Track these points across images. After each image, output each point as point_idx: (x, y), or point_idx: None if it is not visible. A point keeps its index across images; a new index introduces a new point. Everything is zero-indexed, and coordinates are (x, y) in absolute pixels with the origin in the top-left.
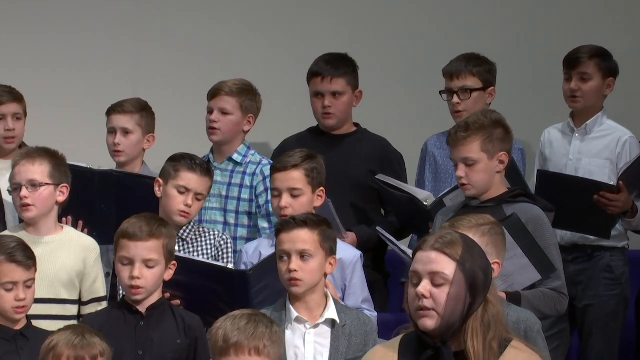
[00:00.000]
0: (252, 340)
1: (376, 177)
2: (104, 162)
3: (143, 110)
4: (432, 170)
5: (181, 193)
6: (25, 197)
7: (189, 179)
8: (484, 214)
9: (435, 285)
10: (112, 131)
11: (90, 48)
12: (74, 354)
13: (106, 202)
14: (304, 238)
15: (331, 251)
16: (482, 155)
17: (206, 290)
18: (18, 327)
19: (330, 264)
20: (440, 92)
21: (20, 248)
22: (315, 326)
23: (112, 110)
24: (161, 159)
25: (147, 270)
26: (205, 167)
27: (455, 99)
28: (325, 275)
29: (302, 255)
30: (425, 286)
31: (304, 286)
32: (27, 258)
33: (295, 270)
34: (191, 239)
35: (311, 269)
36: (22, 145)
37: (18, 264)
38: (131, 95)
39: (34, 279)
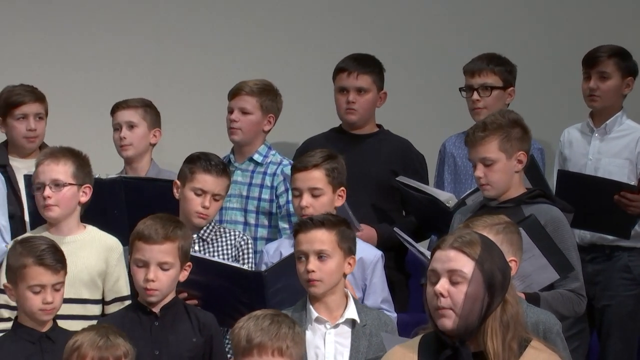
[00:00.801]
0: (275, 341)
1: (397, 178)
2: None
3: (147, 106)
4: (451, 171)
5: (198, 195)
6: (49, 196)
7: (205, 180)
8: (500, 214)
9: (453, 283)
10: (117, 127)
11: (111, 48)
12: (98, 355)
13: (118, 208)
14: (321, 238)
15: (350, 251)
16: (500, 155)
17: (223, 290)
18: (44, 329)
19: (349, 263)
20: (460, 89)
21: (51, 251)
22: (336, 326)
23: (116, 108)
24: (182, 159)
25: (162, 272)
26: (221, 167)
27: (475, 95)
28: (345, 275)
29: (320, 255)
30: (443, 285)
31: (322, 287)
32: (56, 261)
33: (313, 271)
34: (211, 239)
35: (329, 269)
36: (42, 145)
37: (47, 267)
38: (152, 96)
39: (63, 282)
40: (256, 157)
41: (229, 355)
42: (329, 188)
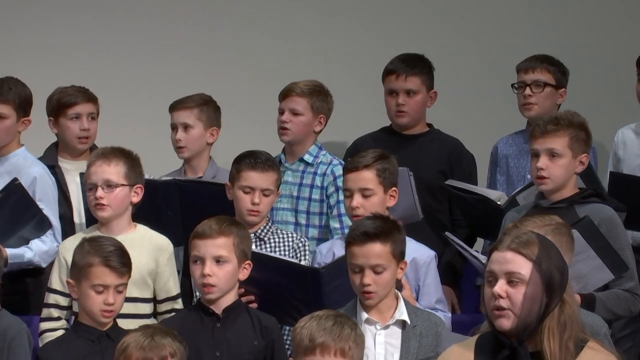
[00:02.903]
0: (338, 342)
1: (446, 182)
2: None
3: (204, 104)
4: (503, 172)
5: (247, 193)
6: (101, 197)
7: (251, 177)
8: (550, 215)
9: (511, 285)
10: (174, 128)
11: (166, 48)
12: (142, 355)
13: (172, 209)
14: (377, 252)
15: (402, 256)
16: (567, 152)
17: (281, 287)
18: (104, 327)
19: (401, 268)
20: (512, 86)
21: (118, 253)
22: (386, 327)
23: (173, 107)
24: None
25: (218, 267)
26: (267, 163)
27: (528, 91)
28: (397, 279)
29: (376, 269)
30: (501, 286)
31: (377, 297)
32: (121, 264)
33: (370, 284)
34: (268, 238)
35: (385, 281)
36: (92, 147)
37: (112, 269)
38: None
39: (126, 285)
40: (306, 157)
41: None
42: (380, 188)
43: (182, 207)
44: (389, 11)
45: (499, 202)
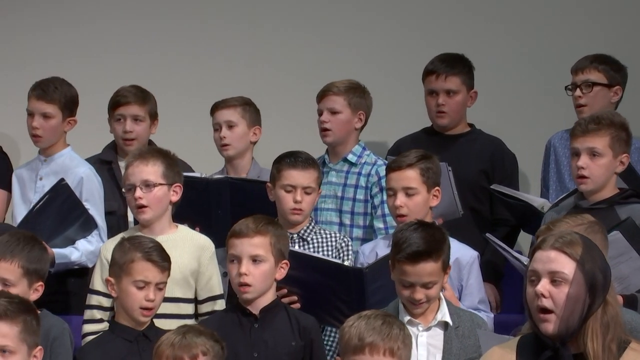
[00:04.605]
0: (387, 342)
1: (491, 187)
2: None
3: (246, 104)
4: (555, 166)
5: (288, 192)
6: (140, 197)
7: (292, 176)
8: (583, 214)
9: (554, 284)
10: (217, 127)
11: (208, 51)
12: (172, 353)
13: (222, 208)
14: (429, 271)
15: (448, 265)
16: (608, 151)
17: (323, 287)
18: (141, 327)
19: (447, 274)
20: (566, 87)
21: (158, 249)
22: (428, 329)
23: (215, 107)
24: None
25: (254, 267)
26: (307, 161)
27: (578, 92)
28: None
29: (427, 285)
30: (544, 285)
31: (425, 306)
32: (162, 260)
33: (421, 298)
34: (311, 239)
35: (435, 293)
36: (150, 144)
37: (154, 263)
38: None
39: (165, 283)
40: (350, 157)
41: (333, 356)
42: (424, 188)
43: (232, 207)
44: (429, 11)
45: (542, 210)
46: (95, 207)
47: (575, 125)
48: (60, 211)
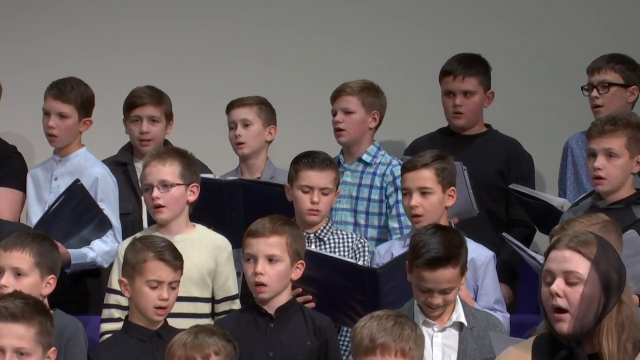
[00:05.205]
0: (399, 342)
1: (510, 186)
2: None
3: (262, 103)
4: (573, 167)
5: (305, 192)
6: (157, 197)
7: (309, 176)
8: (598, 214)
9: (569, 284)
10: (232, 126)
11: (221, 52)
12: (184, 354)
13: (235, 209)
14: (448, 278)
15: (466, 267)
16: (624, 152)
17: (338, 287)
18: (155, 327)
19: (463, 275)
20: (582, 88)
21: (170, 248)
22: (443, 329)
23: (231, 106)
24: None
25: (270, 266)
26: (325, 162)
27: (594, 93)
28: None
29: (445, 291)
30: (559, 285)
31: (442, 309)
32: (175, 259)
33: (439, 303)
34: (328, 239)
35: (452, 297)
36: (166, 144)
37: (166, 262)
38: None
39: (178, 282)
40: (365, 157)
41: (349, 355)
42: (439, 188)
43: (245, 208)
44: (446, 11)
45: (561, 209)
46: (110, 207)
47: (591, 126)
48: (75, 212)
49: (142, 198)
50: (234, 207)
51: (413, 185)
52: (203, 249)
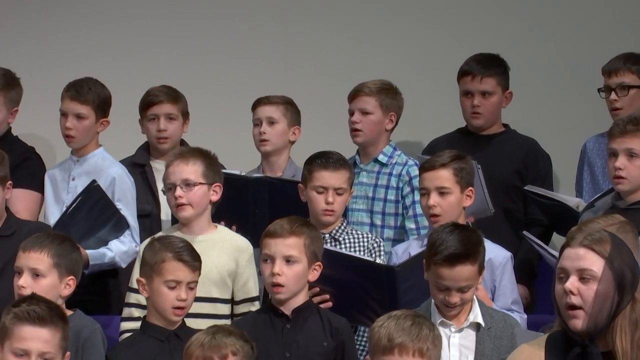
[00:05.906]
0: (416, 342)
1: (525, 188)
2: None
3: (288, 103)
4: (589, 168)
5: (320, 193)
6: (180, 196)
7: (323, 177)
8: (614, 214)
9: (583, 281)
10: (257, 123)
11: (241, 51)
12: (201, 354)
13: (260, 207)
14: (466, 276)
15: (483, 266)
16: None
17: (355, 286)
18: (173, 327)
19: (480, 275)
20: (599, 90)
21: (188, 248)
22: (460, 330)
23: (257, 103)
24: None
25: (288, 267)
26: (339, 162)
27: (613, 95)
28: None
29: (463, 289)
30: (573, 282)
31: (460, 309)
32: (193, 259)
33: (456, 302)
34: (343, 239)
35: (470, 296)
36: (182, 144)
37: (185, 263)
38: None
39: (196, 282)
40: (381, 157)
41: (366, 355)
42: (457, 188)
43: (269, 207)
44: (464, 10)
45: (577, 209)
46: (127, 207)
47: (613, 126)
48: (93, 212)
49: (161, 199)
50: (258, 204)
51: (431, 185)
52: (224, 249)
